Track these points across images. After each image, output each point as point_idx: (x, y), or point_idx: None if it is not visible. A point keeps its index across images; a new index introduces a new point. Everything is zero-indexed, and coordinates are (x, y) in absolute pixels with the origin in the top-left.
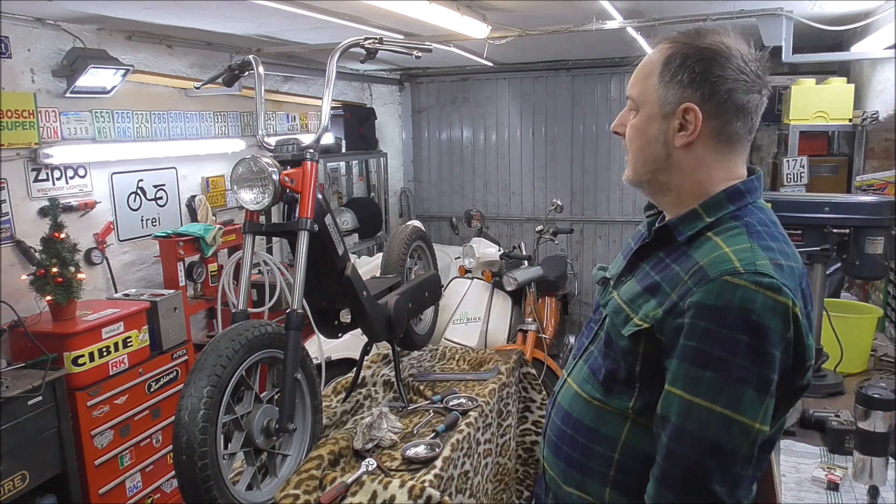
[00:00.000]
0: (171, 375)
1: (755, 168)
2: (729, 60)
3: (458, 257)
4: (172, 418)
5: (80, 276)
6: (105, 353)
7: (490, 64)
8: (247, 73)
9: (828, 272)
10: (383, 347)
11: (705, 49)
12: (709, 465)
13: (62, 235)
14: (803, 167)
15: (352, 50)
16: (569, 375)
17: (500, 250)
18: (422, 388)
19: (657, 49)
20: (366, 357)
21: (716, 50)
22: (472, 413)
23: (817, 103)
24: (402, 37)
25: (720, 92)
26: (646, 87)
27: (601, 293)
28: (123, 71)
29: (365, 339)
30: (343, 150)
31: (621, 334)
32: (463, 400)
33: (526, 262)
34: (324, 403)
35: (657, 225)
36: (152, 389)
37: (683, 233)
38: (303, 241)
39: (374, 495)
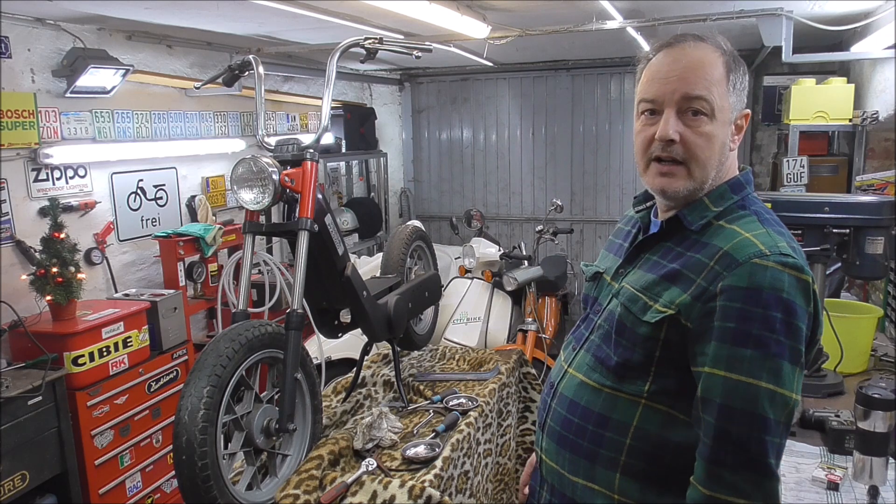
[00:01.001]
0: (171, 375)
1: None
2: (747, 71)
3: (458, 257)
4: (172, 418)
5: (80, 276)
6: (105, 353)
7: (490, 64)
8: (247, 73)
9: (828, 272)
10: (383, 347)
11: (738, 57)
12: (759, 438)
13: (62, 235)
14: (803, 167)
15: (352, 50)
16: (570, 366)
17: (500, 250)
18: (422, 388)
19: (705, 52)
20: (366, 357)
21: (737, 56)
22: (472, 413)
23: (817, 103)
24: (402, 37)
25: (749, 96)
26: (720, 94)
27: (594, 287)
28: (123, 71)
29: (365, 339)
30: (343, 150)
31: (641, 321)
32: (463, 400)
33: (526, 262)
34: (324, 403)
35: (657, 218)
36: (152, 389)
37: (694, 222)
38: (303, 241)
39: (374, 495)
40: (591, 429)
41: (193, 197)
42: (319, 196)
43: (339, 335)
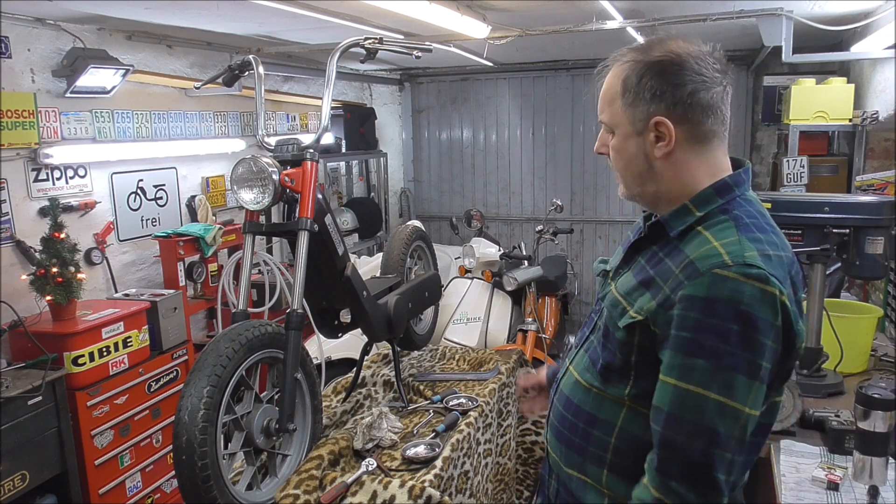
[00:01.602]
0: (171, 375)
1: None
2: (682, 66)
3: (458, 257)
4: (172, 418)
5: (80, 276)
6: (105, 353)
7: (490, 64)
8: (247, 73)
9: (828, 272)
10: (383, 347)
11: (656, 62)
12: (704, 451)
13: (62, 235)
14: (803, 167)
15: (352, 50)
16: (571, 363)
17: (500, 250)
18: (422, 388)
19: (612, 73)
20: (366, 357)
21: (665, 60)
22: (472, 413)
23: (817, 103)
24: (402, 37)
25: (683, 97)
26: (614, 111)
27: (601, 286)
28: (123, 71)
29: (365, 339)
30: (343, 150)
31: (618, 326)
32: (463, 400)
33: (526, 262)
34: (324, 403)
35: (651, 221)
36: (152, 389)
37: (675, 228)
38: (303, 241)
39: (374, 495)
40: (581, 426)
41: (193, 197)
42: (319, 196)
43: (339, 335)
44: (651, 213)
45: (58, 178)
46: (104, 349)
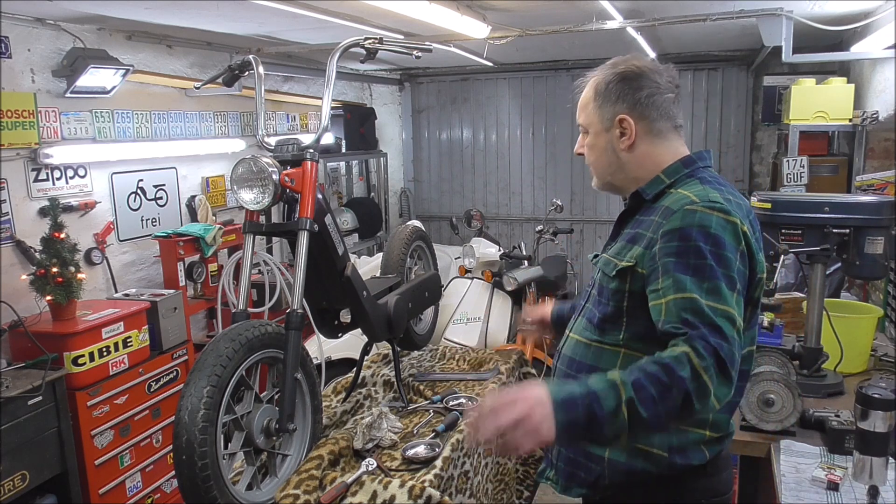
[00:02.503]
0: (171, 375)
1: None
2: (641, 75)
3: (458, 257)
4: (172, 418)
5: (80, 276)
6: (105, 353)
7: (490, 64)
8: (247, 73)
9: (828, 272)
10: (383, 347)
11: (620, 73)
12: (717, 343)
13: (62, 235)
14: (803, 167)
15: (352, 50)
16: (570, 331)
17: (500, 250)
18: (422, 388)
19: (588, 85)
20: (366, 357)
21: (627, 71)
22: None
23: (817, 103)
24: (402, 37)
25: (641, 99)
26: (588, 113)
27: (595, 271)
28: (123, 71)
29: (365, 339)
30: (343, 150)
31: (609, 277)
32: (463, 400)
33: (526, 262)
34: (324, 403)
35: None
36: (152, 389)
37: (650, 193)
38: (303, 241)
39: (374, 495)
40: (583, 378)
41: (193, 197)
42: (319, 196)
43: (339, 335)
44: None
45: (58, 178)
46: (104, 349)
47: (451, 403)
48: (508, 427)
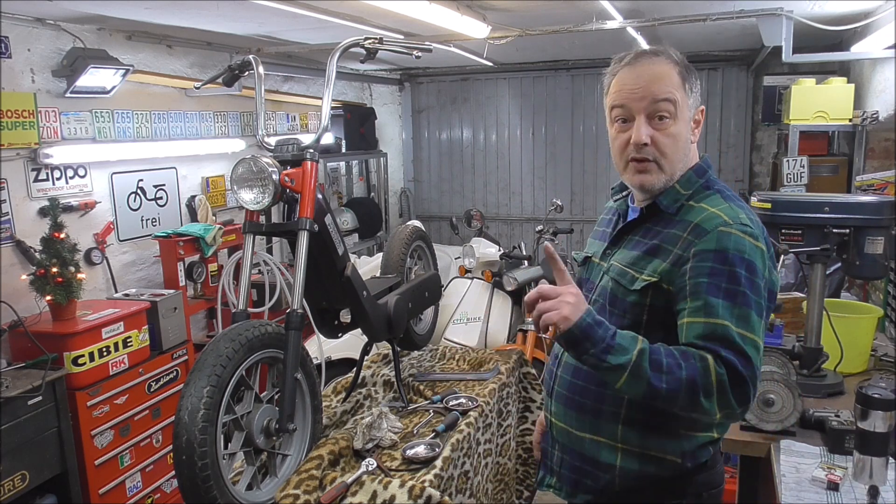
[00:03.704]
0: (171, 375)
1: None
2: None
3: (458, 257)
4: (172, 418)
5: (80, 276)
6: (105, 353)
7: (490, 64)
8: (247, 73)
9: (828, 272)
10: (383, 347)
11: (688, 65)
12: (740, 350)
13: (62, 235)
14: (803, 167)
15: (352, 50)
16: None
17: (500, 250)
18: (422, 388)
19: (661, 64)
20: (366, 357)
21: (688, 64)
22: (472, 413)
23: (817, 103)
24: (402, 37)
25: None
26: (679, 97)
27: (585, 270)
28: (123, 71)
29: (365, 339)
30: (343, 150)
31: (629, 290)
32: (463, 400)
33: (526, 262)
34: (324, 403)
35: (635, 205)
36: (152, 389)
37: (671, 206)
38: (303, 241)
39: (374, 495)
40: (593, 388)
41: (193, 197)
42: (319, 196)
43: (339, 335)
44: (624, 200)
45: (58, 178)
46: (104, 349)
47: (451, 403)
48: (548, 293)
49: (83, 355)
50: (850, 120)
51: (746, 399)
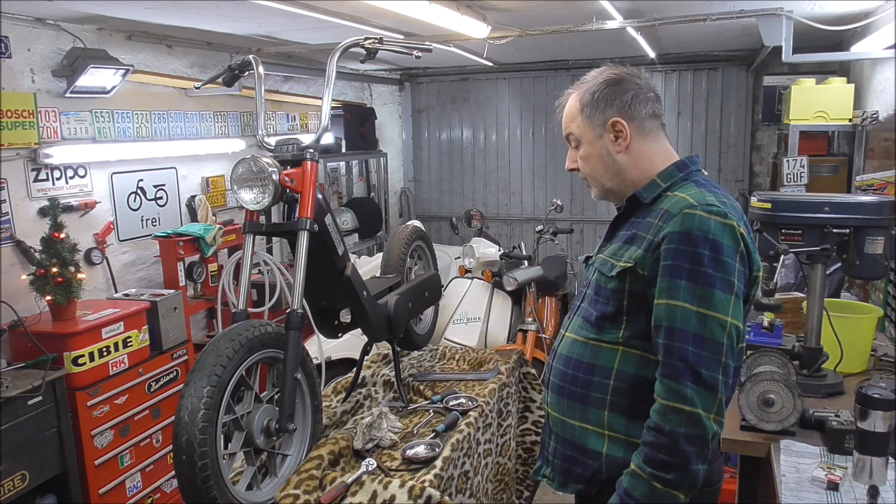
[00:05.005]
0: (171, 375)
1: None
2: (622, 80)
3: (458, 257)
4: (172, 418)
5: (80, 276)
6: (105, 353)
7: (490, 64)
8: (247, 73)
9: (828, 272)
10: (383, 347)
11: (603, 81)
12: (698, 353)
13: (62, 235)
14: (803, 167)
15: (352, 50)
16: (566, 330)
17: (500, 250)
18: (422, 388)
19: (570, 100)
20: (366, 357)
21: (609, 79)
22: (472, 413)
23: (817, 103)
24: (402, 37)
25: (628, 101)
26: (577, 125)
27: (586, 269)
28: (123, 71)
29: (365, 339)
30: (343, 150)
31: (609, 277)
32: (463, 400)
33: (526, 262)
34: (324, 403)
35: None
36: (152, 389)
37: (647, 197)
38: (303, 241)
39: (374, 495)
40: (581, 376)
41: (193, 197)
42: (319, 196)
43: (339, 335)
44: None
45: (58, 178)
46: (104, 349)
47: (451, 403)
48: None
49: (83, 355)
50: (850, 120)
51: (711, 388)
